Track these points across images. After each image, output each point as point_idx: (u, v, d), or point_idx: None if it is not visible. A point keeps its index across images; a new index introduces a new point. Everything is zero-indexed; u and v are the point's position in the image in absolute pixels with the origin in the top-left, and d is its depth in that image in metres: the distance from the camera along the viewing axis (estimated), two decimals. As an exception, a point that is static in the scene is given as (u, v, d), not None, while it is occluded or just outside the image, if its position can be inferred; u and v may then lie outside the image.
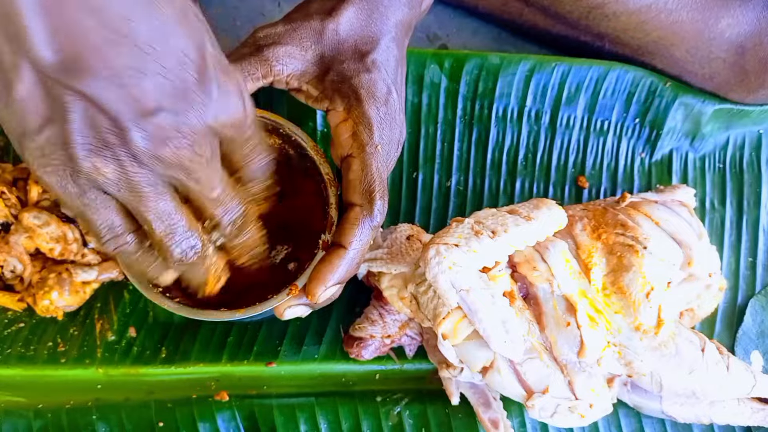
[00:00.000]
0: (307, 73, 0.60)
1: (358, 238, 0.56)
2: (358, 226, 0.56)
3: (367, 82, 0.58)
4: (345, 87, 0.58)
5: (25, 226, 0.70)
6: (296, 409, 0.70)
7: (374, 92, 0.58)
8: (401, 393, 0.72)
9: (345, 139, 0.58)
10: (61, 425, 0.69)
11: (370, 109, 0.57)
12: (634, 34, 0.78)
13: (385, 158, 0.58)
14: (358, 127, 0.57)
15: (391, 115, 0.59)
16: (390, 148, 0.59)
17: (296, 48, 0.59)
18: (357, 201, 0.57)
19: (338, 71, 0.59)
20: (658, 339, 0.63)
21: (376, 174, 0.57)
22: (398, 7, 0.61)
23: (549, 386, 0.63)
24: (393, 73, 0.60)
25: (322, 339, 0.73)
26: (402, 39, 0.63)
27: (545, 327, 0.64)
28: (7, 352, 0.70)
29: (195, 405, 0.70)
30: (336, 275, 0.56)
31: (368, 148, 0.57)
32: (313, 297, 0.56)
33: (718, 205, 0.81)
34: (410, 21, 0.63)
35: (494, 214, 0.64)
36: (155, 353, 0.71)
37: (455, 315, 0.61)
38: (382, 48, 0.60)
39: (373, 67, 0.59)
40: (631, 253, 0.65)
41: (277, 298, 0.58)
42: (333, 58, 0.60)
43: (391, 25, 0.61)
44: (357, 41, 0.60)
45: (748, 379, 0.68)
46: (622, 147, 0.81)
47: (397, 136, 0.60)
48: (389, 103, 0.59)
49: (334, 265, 0.56)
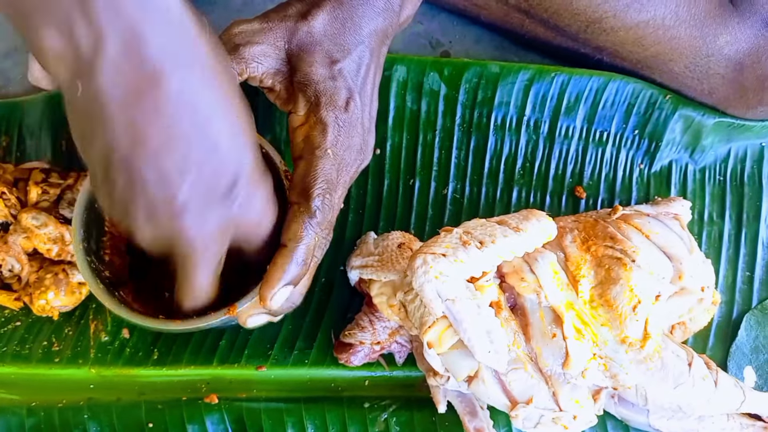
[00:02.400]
0: (280, 72, 0.62)
1: (298, 235, 0.57)
2: (296, 223, 0.57)
3: (330, 88, 0.59)
4: (309, 90, 0.60)
5: (24, 226, 0.71)
6: (284, 414, 0.71)
7: (335, 99, 0.59)
8: (389, 400, 0.73)
9: (299, 142, 0.60)
10: (53, 424, 0.70)
11: (327, 115, 0.59)
12: (632, 48, 0.78)
13: (338, 163, 0.59)
14: (312, 131, 0.59)
15: (351, 122, 0.60)
16: (347, 153, 0.60)
17: (270, 47, 0.61)
18: (294, 199, 0.58)
19: (305, 73, 0.60)
20: (643, 352, 0.63)
21: (320, 174, 0.58)
22: (373, 17, 0.62)
23: (533, 397, 0.63)
24: (361, 82, 0.61)
25: (313, 344, 0.74)
26: (376, 48, 0.63)
27: (531, 338, 0.64)
28: (3, 350, 0.71)
29: (185, 407, 0.71)
30: (285, 275, 0.57)
31: (317, 151, 0.58)
32: (263, 301, 0.57)
33: (717, 218, 0.80)
34: (386, 30, 0.64)
35: (483, 224, 0.65)
36: (147, 355, 0.72)
37: (441, 324, 0.61)
38: (353, 57, 0.61)
39: (338, 75, 0.60)
40: (619, 266, 0.65)
41: (216, 314, 0.59)
42: (302, 60, 0.61)
43: (365, 34, 0.62)
44: (328, 47, 0.61)
45: (737, 395, 0.68)
46: (621, 158, 0.80)
47: (358, 142, 0.61)
48: (349, 110, 0.60)
49: (278, 265, 0.57)
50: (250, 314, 0.60)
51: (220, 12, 0.84)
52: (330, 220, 0.59)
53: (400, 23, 0.66)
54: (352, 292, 0.74)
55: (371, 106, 0.64)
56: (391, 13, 0.63)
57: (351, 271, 0.71)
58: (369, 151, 0.64)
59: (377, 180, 0.78)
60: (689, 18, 0.76)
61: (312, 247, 0.58)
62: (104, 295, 0.60)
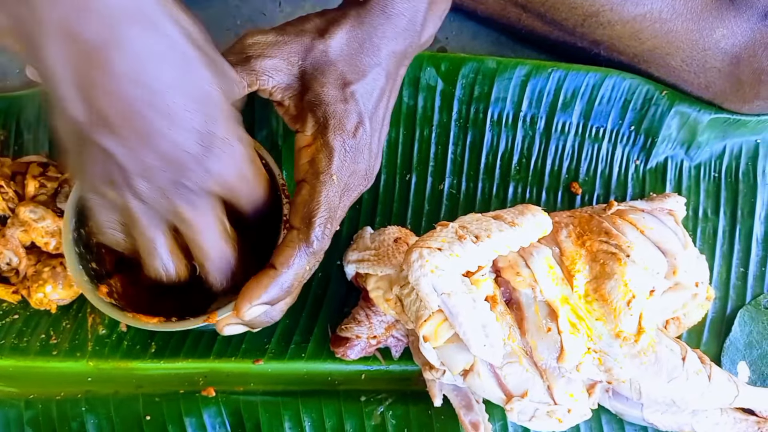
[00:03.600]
0: (291, 87, 0.60)
1: (290, 262, 0.56)
2: (291, 249, 0.56)
3: (340, 112, 0.58)
4: (319, 111, 0.58)
5: (22, 219, 0.71)
6: (281, 407, 0.71)
7: (344, 123, 0.58)
8: (386, 393, 0.73)
9: (303, 164, 0.58)
10: (51, 416, 0.70)
11: (334, 140, 0.57)
12: (629, 42, 0.78)
13: (342, 189, 0.58)
14: (318, 154, 0.57)
15: (358, 147, 0.58)
16: (351, 179, 0.59)
17: (284, 62, 0.59)
18: (296, 224, 0.57)
19: (316, 93, 0.59)
20: (637, 347, 0.64)
21: (324, 202, 0.56)
22: (393, 38, 0.60)
23: (528, 390, 0.64)
24: (373, 106, 0.60)
25: (310, 338, 0.74)
26: (393, 70, 0.62)
27: (526, 332, 0.64)
28: (1, 342, 0.72)
29: (182, 400, 0.71)
30: (264, 295, 0.56)
31: (322, 176, 0.57)
32: (237, 312, 0.56)
33: (712, 215, 0.81)
34: (405, 52, 0.62)
35: (479, 219, 0.65)
36: (145, 348, 0.73)
37: (436, 318, 0.62)
38: (368, 80, 0.60)
39: (351, 98, 0.59)
40: (614, 260, 0.65)
41: (195, 321, 0.58)
42: (315, 79, 0.59)
43: (383, 56, 0.60)
44: (343, 69, 0.59)
45: (731, 390, 0.68)
46: (617, 154, 0.81)
47: (363, 168, 0.60)
48: (358, 135, 0.58)
49: (262, 284, 0.55)
50: (227, 323, 0.59)
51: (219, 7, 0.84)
52: (324, 248, 0.58)
53: (420, 44, 0.64)
54: (349, 287, 0.74)
55: (381, 131, 0.62)
56: (413, 33, 0.62)
57: (348, 265, 0.72)
58: (373, 175, 0.62)
59: (374, 175, 0.78)
60: (686, 11, 0.76)
61: (300, 274, 0.57)
62: (86, 285, 0.59)
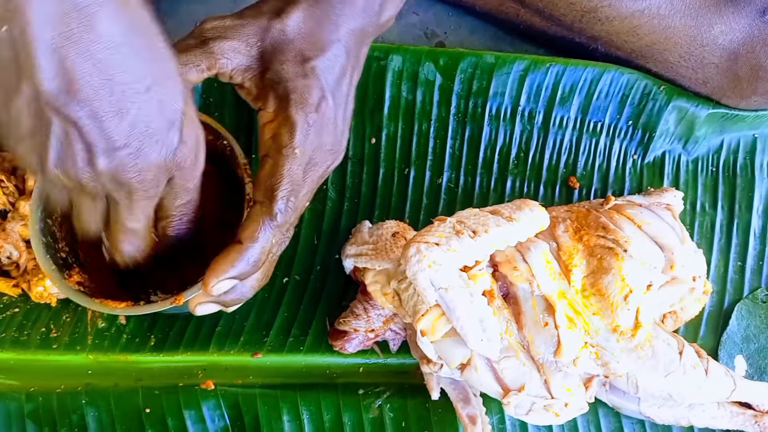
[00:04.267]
0: (251, 68, 0.60)
1: (255, 235, 0.56)
2: (255, 223, 0.57)
3: (301, 87, 0.58)
4: (280, 89, 0.59)
5: (22, 214, 0.72)
6: (279, 400, 0.72)
7: (306, 98, 0.58)
8: (383, 386, 0.74)
9: (266, 139, 0.59)
10: (51, 409, 0.71)
11: (296, 114, 0.58)
12: (627, 38, 0.78)
13: (305, 163, 0.59)
14: (280, 129, 0.58)
15: (322, 122, 0.59)
16: (315, 154, 0.59)
17: (242, 44, 0.60)
18: (259, 198, 0.57)
19: (276, 71, 0.59)
20: (634, 341, 0.64)
21: (286, 175, 0.57)
22: (351, 16, 0.61)
23: (525, 384, 0.64)
24: (335, 81, 0.61)
25: (308, 331, 0.74)
26: (354, 47, 0.63)
27: (523, 326, 0.64)
28: (2, 336, 0.72)
29: (181, 393, 0.72)
30: (231, 270, 0.56)
31: (285, 150, 0.57)
32: (206, 287, 0.56)
33: (709, 209, 0.81)
34: (365, 30, 0.63)
35: (476, 214, 0.65)
36: (144, 341, 0.73)
37: (434, 312, 0.62)
38: (328, 56, 0.60)
39: (311, 73, 0.59)
40: (611, 255, 0.65)
41: (163, 303, 0.59)
42: (274, 58, 0.60)
43: (342, 33, 0.61)
44: (302, 45, 0.60)
45: (728, 384, 0.69)
46: (615, 148, 0.81)
47: (329, 142, 0.60)
48: (321, 109, 0.59)
49: (229, 259, 0.56)
50: (199, 302, 0.60)
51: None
52: (291, 222, 0.59)
53: (380, 24, 0.65)
54: (347, 280, 0.75)
55: (346, 106, 0.63)
56: (371, 13, 0.63)
57: (346, 259, 0.72)
58: (341, 150, 0.63)
59: (372, 169, 0.79)
60: (684, 8, 0.76)
61: (267, 248, 0.57)
62: (53, 274, 0.60)
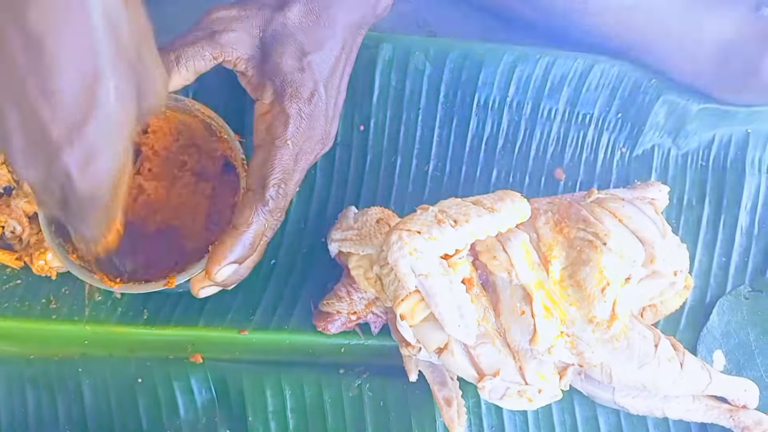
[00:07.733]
0: (253, 58, 0.64)
1: (249, 221, 0.60)
2: (249, 209, 0.60)
3: (297, 80, 0.62)
4: (277, 80, 0.62)
5: (26, 191, 0.75)
6: (263, 375, 0.74)
7: (300, 91, 0.62)
8: (363, 367, 0.76)
9: (261, 130, 0.62)
10: (49, 375, 0.74)
11: (291, 107, 0.61)
12: (619, 31, 0.78)
13: (296, 153, 0.62)
14: (275, 121, 0.61)
15: (314, 114, 0.62)
16: (306, 144, 0.62)
17: (246, 35, 0.63)
18: (252, 186, 0.61)
19: (275, 63, 0.63)
20: (610, 332, 0.65)
21: (278, 164, 0.60)
22: (349, 9, 0.64)
23: (500, 370, 0.65)
24: (328, 73, 0.64)
25: (293, 312, 0.76)
26: (349, 39, 0.65)
27: (501, 314, 0.66)
28: (4, 305, 0.75)
29: (171, 365, 0.74)
30: (230, 255, 0.60)
31: (278, 141, 0.61)
32: (209, 275, 0.61)
33: (696, 203, 0.81)
34: (361, 22, 0.66)
35: (458, 204, 0.66)
36: (138, 314, 0.76)
37: (413, 298, 0.64)
38: (325, 50, 0.63)
39: (307, 67, 0.62)
40: (591, 248, 0.66)
41: (156, 284, 0.64)
42: (274, 50, 0.63)
43: (339, 27, 0.64)
44: (301, 39, 0.63)
45: (703, 377, 0.69)
46: (603, 141, 0.81)
47: (319, 132, 0.63)
48: (313, 102, 0.62)
49: (227, 245, 0.60)
50: (201, 286, 0.64)
51: None
52: (282, 207, 0.62)
53: (376, 14, 0.67)
54: (332, 264, 0.76)
55: (338, 97, 0.66)
56: (368, 4, 0.65)
57: (331, 243, 0.73)
58: (330, 139, 0.66)
59: (360, 156, 0.80)
60: (677, 1, 0.76)
61: (260, 232, 0.61)
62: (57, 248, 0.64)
